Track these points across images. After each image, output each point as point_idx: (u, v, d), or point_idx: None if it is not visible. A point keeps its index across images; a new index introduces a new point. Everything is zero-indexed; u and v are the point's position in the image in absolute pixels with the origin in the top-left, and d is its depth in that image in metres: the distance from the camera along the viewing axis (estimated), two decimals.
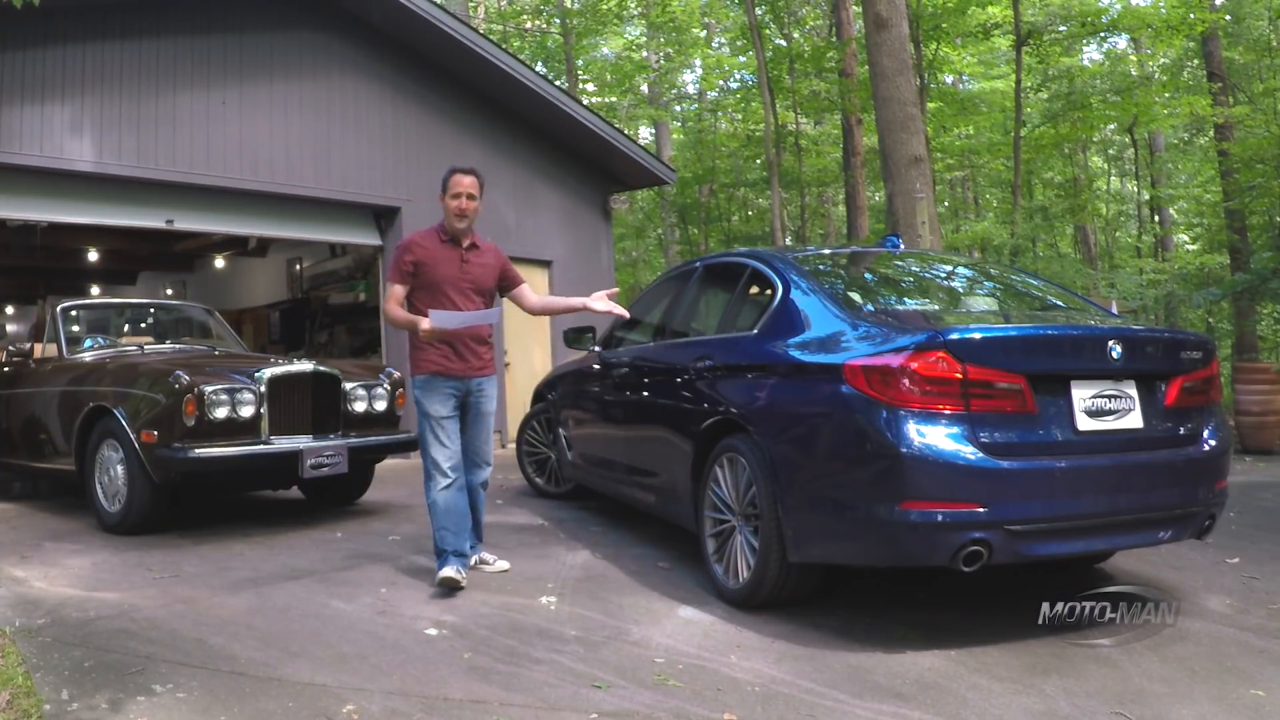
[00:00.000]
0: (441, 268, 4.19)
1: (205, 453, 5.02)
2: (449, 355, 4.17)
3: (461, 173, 4.24)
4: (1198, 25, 13.30)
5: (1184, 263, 17.51)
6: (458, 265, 4.24)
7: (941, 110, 15.96)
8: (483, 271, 4.32)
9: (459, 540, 4.13)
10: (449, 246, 4.25)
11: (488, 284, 4.35)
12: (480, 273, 4.30)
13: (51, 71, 7.01)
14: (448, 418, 4.18)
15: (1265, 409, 8.55)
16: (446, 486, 4.12)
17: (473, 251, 4.32)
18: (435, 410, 4.15)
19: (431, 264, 4.19)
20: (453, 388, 4.19)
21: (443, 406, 4.17)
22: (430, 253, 4.21)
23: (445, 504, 4.11)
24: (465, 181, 4.22)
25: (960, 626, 3.55)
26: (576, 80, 21.52)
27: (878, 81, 8.84)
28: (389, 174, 9.05)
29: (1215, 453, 3.64)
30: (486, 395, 4.32)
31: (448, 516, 4.12)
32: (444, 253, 4.23)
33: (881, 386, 3.25)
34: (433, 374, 4.17)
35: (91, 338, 6.48)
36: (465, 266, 4.25)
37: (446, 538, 4.12)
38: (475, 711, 2.79)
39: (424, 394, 4.17)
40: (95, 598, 3.93)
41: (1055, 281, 5.65)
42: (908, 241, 7.92)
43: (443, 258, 4.21)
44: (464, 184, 4.21)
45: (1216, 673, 3.12)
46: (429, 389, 4.17)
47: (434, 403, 4.15)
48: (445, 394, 4.17)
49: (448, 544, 4.12)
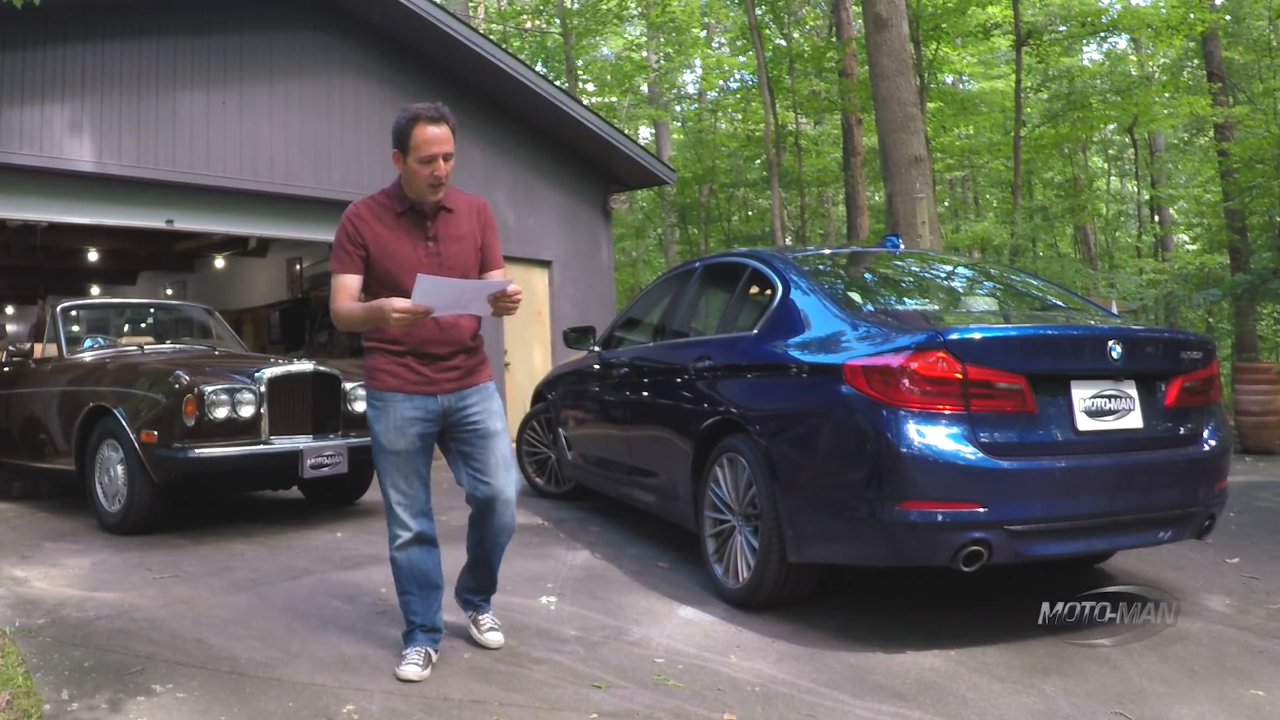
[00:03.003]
0: (399, 251, 3.03)
1: (205, 453, 5.02)
2: (411, 363, 3.08)
3: (428, 121, 2.97)
4: (1198, 25, 13.29)
5: (1184, 263, 17.49)
6: (422, 245, 3.06)
7: (941, 110, 15.96)
8: (458, 248, 3.11)
9: (427, 608, 3.19)
10: (407, 220, 3.07)
11: (467, 265, 3.13)
12: (455, 250, 3.10)
13: (51, 71, 7.01)
14: (407, 452, 3.10)
15: (1265, 409, 8.55)
16: (406, 543, 3.13)
17: (443, 220, 3.11)
18: (392, 442, 3.07)
19: (385, 247, 3.04)
20: (418, 410, 3.08)
21: (399, 436, 3.08)
22: (381, 231, 3.05)
23: (408, 564, 3.15)
24: (439, 136, 2.98)
25: (960, 626, 3.55)
26: (576, 80, 21.51)
27: (878, 81, 8.84)
28: (389, 174, 9.00)
29: (1215, 453, 3.64)
30: (480, 410, 3.16)
31: (411, 579, 3.16)
32: (400, 229, 3.06)
33: (881, 386, 3.25)
34: (387, 390, 3.09)
35: (91, 338, 6.48)
36: (434, 246, 3.07)
37: (411, 605, 3.18)
38: (475, 711, 2.79)
39: (377, 418, 3.10)
40: (95, 598, 3.93)
41: (1055, 281, 5.65)
42: (908, 241, 7.92)
43: (399, 236, 3.05)
44: (438, 140, 2.97)
45: (1216, 673, 3.12)
46: (384, 412, 3.08)
47: (390, 432, 3.07)
48: (406, 418, 3.08)
49: (414, 613, 3.17)
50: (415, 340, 3.05)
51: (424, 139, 2.96)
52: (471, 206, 3.20)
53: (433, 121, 2.98)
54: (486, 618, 3.43)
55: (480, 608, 3.44)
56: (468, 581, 3.43)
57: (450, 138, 3.01)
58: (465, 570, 3.42)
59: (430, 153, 2.97)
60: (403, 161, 3.03)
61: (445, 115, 3.02)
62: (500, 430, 3.21)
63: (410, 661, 3.09)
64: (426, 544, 3.18)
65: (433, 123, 2.98)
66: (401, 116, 3.02)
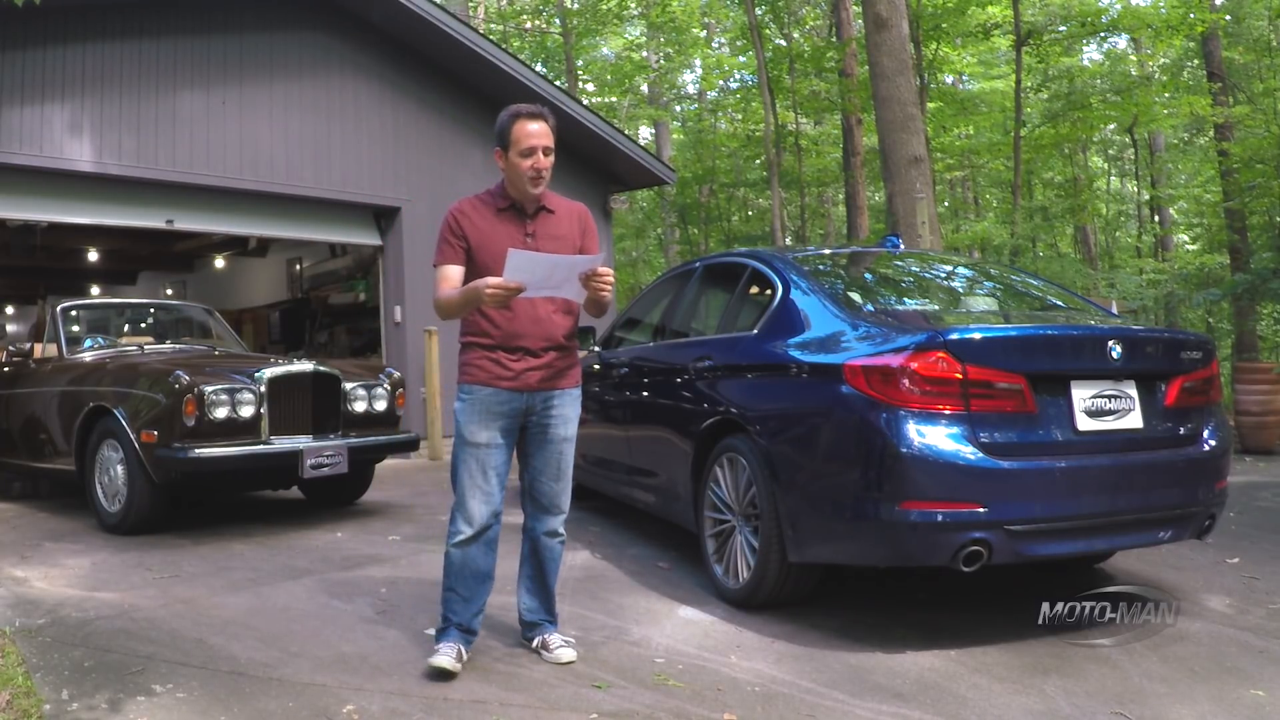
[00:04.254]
0: (497, 245, 3.01)
1: (205, 453, 5.02)
2: (500, 357, 3.07)
3: (529, 118, 3.05)
4: (1198, 25, 13.30)
5: (1184, 263, 17.50)
6: (519, 241, 3.07)
7: (941, 110, 15.97)
8: (555, 247, 3.10)
9: (468, 610, 3.15)
10: (507, 216, 3.12)
11: None
12: (553, 248, 3.08)
13: (51, 71, 7.02)
14: (490, 446, 3.09)
15: (1265, 409, 8.55)
16: (468, 539, 3.10)
17: (542, 220, 3.15)
18: (474, 434, 3.08)
19: (484, 240, 3.07)
20: (505, 404, 3.09)
21: (484, 429, 3.08)
22: (482, 225, 3.09)
23: (462, 561, 3.12)
24: (539, 131, 3.04)
25: (960, 626, 3.55)
26: (576, 80, 21.52)
27: (878, 81, 8.84)
28: (389, 174, 9.06)
29: (1215, 453, 3.64)
30: (559, 416, 3.16)
31: (460, 578, 3.13)
32: (500, 224, 3.10)
33: (881, 386, 3.25)
34: (477, 384, 3.09)
35: (91, 338, 6.48)
36: (531, 243, 3.08)
37: (453, 603, 3.14)
38: (475, 711, 2.79)
39: (463, 411, 3.11)
40: (95, 598, 3.93)
41: (1055, 281, 5.65)
42: (908, 241, 7.92)
43: (498, 231, 3.08)
44: (538, 135, 3.03)
45: (1216, 673, 3.12)
46: (470, 405, 3.09)
47: (473, 423, 3.08)
48: (493, 413, 3.08)
49: (454, 612, 3.14)
50: (505, 333, 3.06)
51: (524, 133, 3.03)
52: (572, 212, 3.24)
53: (532, 118, 3.06)
54: (555, 637, 3.28)
55: (545, 629, 3.30)
56: (528, 602, 3.33)
57: (549, 134, 3.07)
58: (523, 589, 3.34)
59: (530, 145, 3.02)
60: (504, 158, 3.08)
61: (545, 114, 3.10)
62: (572, 438, 3.24)
63: (444, 653, 3.05)
64: (488, 545, 3.15)
65: (532, 119, 3.06)
66: (503, 116, 3.10)
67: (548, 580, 3.30)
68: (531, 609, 3.33)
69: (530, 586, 3.32)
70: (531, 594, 3.32)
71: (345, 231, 9.29)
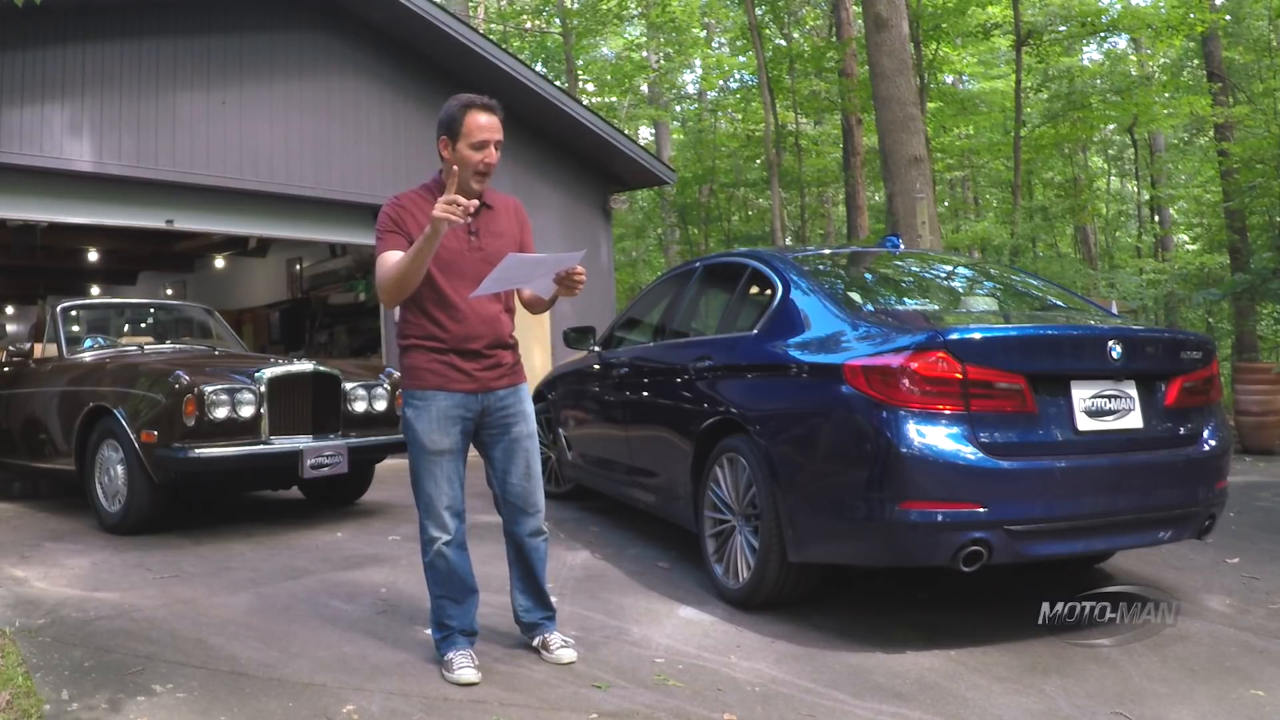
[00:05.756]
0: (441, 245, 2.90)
1: (205, 453, 5.02)
2: (454, 360, 3.02)
3: (482, 109, 2.97)
4: (1198, 25, 13.29)
5: (1184, 263, 17.51)
6: (464, 239, 3.01)
7: (941, 110, 15.96)
8: (499, 244, 3.05)
9: (465, 612, 3.12)
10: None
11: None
12: (496, 245, 3.03)
13: (51, 71, 7.01)
14: (452, 452, 3.04)
15: (1265, 409, 8.55)
16: (445, 544, 3.05)
17: (484, 216, 3.08)
18: (435, 442, 3.01)
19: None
20: (461, 407, 3.04)
21: (444, 436, 3.02)
22: (423, 221, 2.90)
23: (448, 568, 3.07)
24: (492, 125, 2.97)
25: (960, 626, 3.55)
26: (576, 80, 21.52)
27: (878, 81, 8.84)
28: (389, 174, 9.05)
29: (1215, 453, 3.64)
30: (517, 413, 3.14)
31: (450, 584, 3.08)
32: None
33: (881, 386, 3.25)
34: (429, 389, 3.02)
35: (91, 338, 6.48)
36: (476, 240, 3.02)
37: (448, 610, 3.10)
38: (475, 711, 2.79)
39: (418, 418, 3.02)
40: (95, 598, 3.93)
41: (1055, 281, 5.65)
42: (908, 241, 7.92)
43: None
44: (491, 128, 2.97)
45: (1216, 673, 3.12)
46: (425, 411, 3.02)
47: (433, 431, 3.01)
48: (450, 418, 3.03)
49: (451, 619, 3.09)
50: (457, 335, 3.02)
51: (476, 125, 2.95)
52: (509, 206, 3.21)
53: (485, 110, 2.98)
54: (555, 637, 3.26)
55: (544, 627, 3.28)
56: (523, 602, 3.31)
57: (500, 128, 3.01)
58: (515, 590, 3.32)
59: (483, 138, 2.95)
60: (450, 148, 2.98)
61: (497, 107, 3.03)
62: (533, 433, 3.20)
63: (461, 666, 3.01)
64: (463, 547, 3.12)
65: (485, 110, 2.98)
66: (452, 103, 3.01)
67: (538, 578, 3.28)
68: (527, 608, 3.32)
69: (522, 587, 3.31)
70: (525, 594, 3.31)
71: (345, 231, 9.29)
